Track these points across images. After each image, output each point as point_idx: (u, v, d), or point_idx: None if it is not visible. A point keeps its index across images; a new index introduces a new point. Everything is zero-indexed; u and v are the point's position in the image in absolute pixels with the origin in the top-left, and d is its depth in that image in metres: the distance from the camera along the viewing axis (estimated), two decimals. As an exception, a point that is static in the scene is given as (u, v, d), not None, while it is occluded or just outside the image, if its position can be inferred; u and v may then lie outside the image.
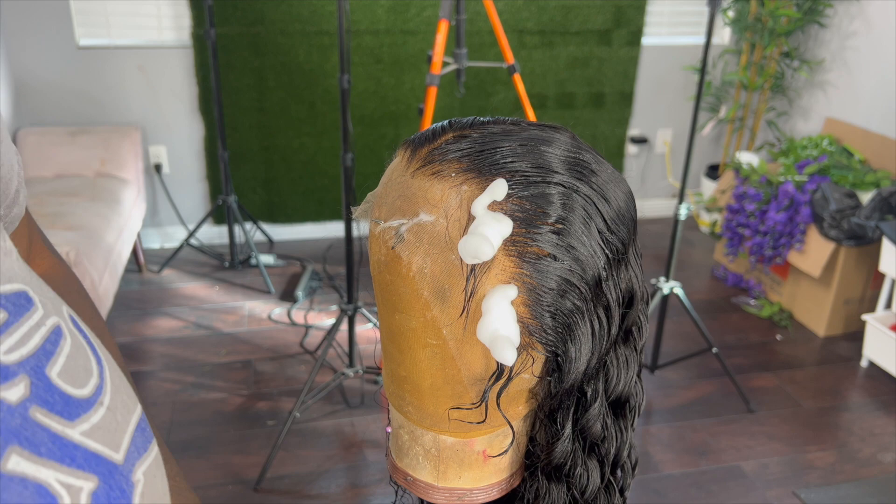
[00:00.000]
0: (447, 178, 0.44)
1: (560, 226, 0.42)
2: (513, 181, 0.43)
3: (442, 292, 0.44)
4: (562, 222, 0.43)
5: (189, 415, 2.24)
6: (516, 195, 0.43)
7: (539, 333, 0.43)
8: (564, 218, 0.43)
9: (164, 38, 2.98)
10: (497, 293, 0.42)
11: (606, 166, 0.47)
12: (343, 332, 2.51)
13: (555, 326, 0.44)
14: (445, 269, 0.43)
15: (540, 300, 0.43)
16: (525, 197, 0.43)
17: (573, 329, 0.44)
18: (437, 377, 0.46)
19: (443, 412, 0.47)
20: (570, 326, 0.44)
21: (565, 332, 0.44)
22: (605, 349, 0.46)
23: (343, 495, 1.98)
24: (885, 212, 2.56)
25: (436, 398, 0.47)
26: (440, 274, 0.43)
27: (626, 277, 0.46)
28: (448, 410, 0.47)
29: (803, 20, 3.18)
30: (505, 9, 3.13)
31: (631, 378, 0.49)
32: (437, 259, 0.43)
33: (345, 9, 1.90)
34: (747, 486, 2.05)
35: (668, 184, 3.74)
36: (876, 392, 2.50)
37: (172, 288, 2.93)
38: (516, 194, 0.43)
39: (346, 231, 2.08)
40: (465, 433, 0.48)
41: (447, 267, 0.43)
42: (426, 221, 0.44)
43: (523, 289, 0.42)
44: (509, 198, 0.43)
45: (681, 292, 2.35)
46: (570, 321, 0.44)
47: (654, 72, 3.48)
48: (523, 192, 0.43)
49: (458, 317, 0.43)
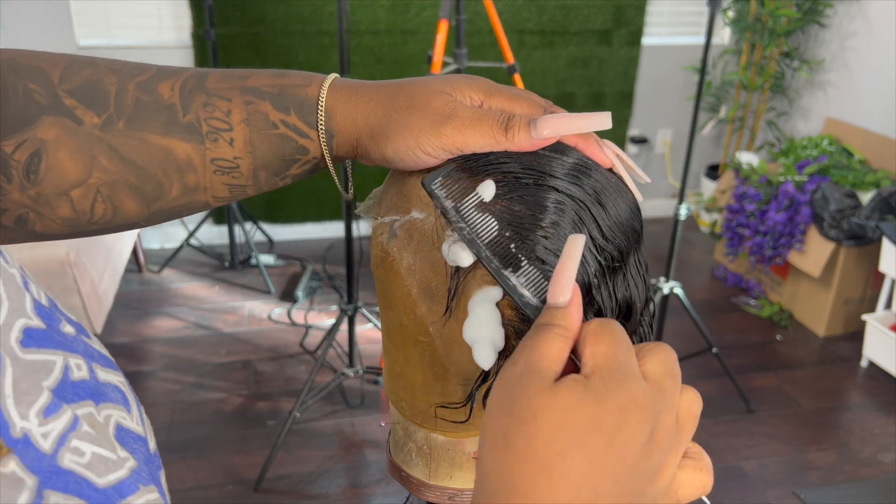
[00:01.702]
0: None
1: (549, 230, 0.42)
2: (504, 182, 0.42)
3: (429, 290, 0.43)
4: (551, 226, 0.42)
5: (189, 415, 2.24)
6: (506, 197, 0.42)
7: None
8: (555, 222, 0.42)
9: (164, 38, 2.98)
10: (482, 295, 0.41)
11: (609, 175, 0.46)
12: (343, 332, 2.51)
13: None
14: (432, 268, 0.43)
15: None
16: (515, 199, 0.42)
17: None
18: (427, 374, 0.46)
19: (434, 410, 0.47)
20: None
21: None
22: None
23: (343, 495, 1.98)
24: (885, 212, 2.56)
25: (427, 395, 0.47)
26: (428, 272, 0.43)
27: (623, 287, 0.45)
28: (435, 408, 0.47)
29: (803, 20, 3.18)
30: (505, 9, 3.14)
31: None
32: (426, 257, 0.43)
33: (345, 9, 1.90)
34: (747, 486, 2.05)
35: (668, 184, 3.74)
36: (876, 392, 2.49)
37: (172, 288, 2.93)
38: (506, 196, 0.42)
39: (346, 231, 2.08)
40: (456, 433, 0.48)
41: (434, 265, 0.43)
42: (417, 219, 0.44)
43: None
44: (499, 199, 0.42)
45: (681, 292, 2.35)
46: None
47: (654, 72, 3.48)
48: (513, 194, 0.42)
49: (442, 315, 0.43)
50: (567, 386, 0.33)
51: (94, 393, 0.39)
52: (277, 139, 0.47)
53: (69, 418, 0.37)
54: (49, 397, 0.36)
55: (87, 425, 0.37)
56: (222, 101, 0.46)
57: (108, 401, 0.40)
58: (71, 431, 0.36)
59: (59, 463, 0.34)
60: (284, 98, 0.47)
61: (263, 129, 0.47)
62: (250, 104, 0.46)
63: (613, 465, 0.32)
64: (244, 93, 0.47)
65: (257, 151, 0.47)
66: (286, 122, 0.47)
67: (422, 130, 0.43)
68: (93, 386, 0.39)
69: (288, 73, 0.48)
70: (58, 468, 0.34)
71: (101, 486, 0.34)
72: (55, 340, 0.39)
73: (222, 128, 0.46)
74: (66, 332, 0.41)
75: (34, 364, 0.37)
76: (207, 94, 0.47)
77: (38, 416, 0.35)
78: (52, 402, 0.36)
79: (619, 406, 0.32)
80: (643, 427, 0.32)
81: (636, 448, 0.32)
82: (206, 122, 0.46)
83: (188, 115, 0.46)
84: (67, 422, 0.36)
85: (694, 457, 0.36)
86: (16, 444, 0.33)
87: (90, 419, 0.38)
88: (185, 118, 0.46)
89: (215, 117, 0.46)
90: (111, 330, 2.61)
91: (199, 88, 0.47)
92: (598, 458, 0.32)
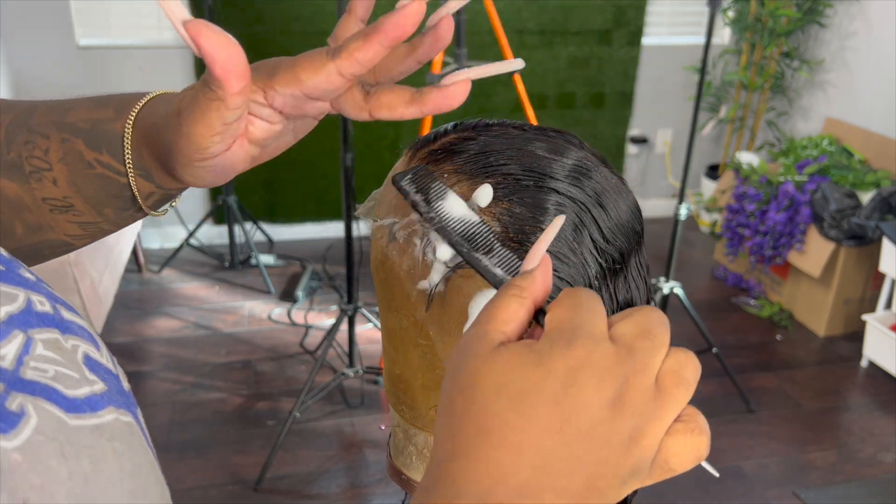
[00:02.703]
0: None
1: None
2: (504, 184, 0.42)
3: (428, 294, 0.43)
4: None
5: (189, 415, 2.24)
6: (506, 199, 0.42)
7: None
8: None
9: (164, 38, 2.98)
10: (481, 297, 0.41)
11: (610, 176, 0.45)
12: (343, 332, 2.51)
13: None
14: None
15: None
16: (515, 201, 0.42)
17: None
18: (427, 377, 0.46)
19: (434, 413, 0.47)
20: None
21: None
22: None
23: (343, 495, 1.98)
24: (885, 212, 2.56)
25: (427, 398, 0.47)
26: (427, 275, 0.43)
27: (624, 289, 0.45)
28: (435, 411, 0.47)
29: (803, 20, 3.18)
30: (505, 9, 3.13)
31: None
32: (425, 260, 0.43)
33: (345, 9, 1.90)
34: (747, 486, 2.05)
35: (668, 184, 3.74)
36: (876, 392, 2.50)
37: (172, 288, 2.93)
38: (506, 198, 0.42)
39: (346, 231, 2.08)
40: None
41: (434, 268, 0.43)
42: (416, 221, 0.43)
43: None
44: (499, 201, 0.42)
45: (681, 292, 2.35)
46: None
47: (654, 72, 3.48)
48: (513, 196, 0.42)
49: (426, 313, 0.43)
50: (509, 349, 0.32)
51: (59, 325, 0.36)
52: (98, 179, 0.44)
53: (21, 341, 0.33)
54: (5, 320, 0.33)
55: (51, 350, 0.33)
56: (42, 139, 0.44)
57: (74, 334, 0.36)
58: (25, 355, 0.32)
59: (22, 375, 0.30)
60: (97, 135, 0.43)
61: (81, 169, 0.44)
62: (66, 142, 0.43)
63: (561, 426, 0.30)
64: (61, 129, 0.44)
65: (84, 191, 0.44)
66: (100, 161, 0.44)
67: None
68: (57, 320, 0.36)
69: (106, 103, 0.45)
70: (20, 378, 0.30)
71: (69, 396, 0.31)
72: (16, 279, 0.36)
73: (43, 167, 0.43)
74: (27, 276, 0.39)
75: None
76: (29, 131, 0.44)
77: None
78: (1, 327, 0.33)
79: (567, 367, 0.31)
80: (600, 388, 0.31)
81: (592, 410, 0.31)
82: (28, 160, 0.43)
83: (11, 152, 0.43)
84: (19, 344, 0.33)
85: (685, 419, 0.32)
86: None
87: (55, 344, 0.34)
88: (9, 155, 0.43)
89: (35, 156, 0.43)
90: (111, 330, 2.61)
91: (23, 125, 0.44)
92: (539, 420, 0.30)
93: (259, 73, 0.40)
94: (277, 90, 0.39)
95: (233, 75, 0.35)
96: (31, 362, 0.32)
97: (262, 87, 0.40)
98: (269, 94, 0.40)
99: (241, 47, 0.35)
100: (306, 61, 0.39)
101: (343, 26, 0.45)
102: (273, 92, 0.39)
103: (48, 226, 0.45)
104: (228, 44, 0.35)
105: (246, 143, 0.42)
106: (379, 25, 0.37)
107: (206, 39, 0.34)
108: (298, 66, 0.39)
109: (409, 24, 0.37)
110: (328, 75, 0.38)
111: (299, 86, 0.39)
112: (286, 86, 0.39)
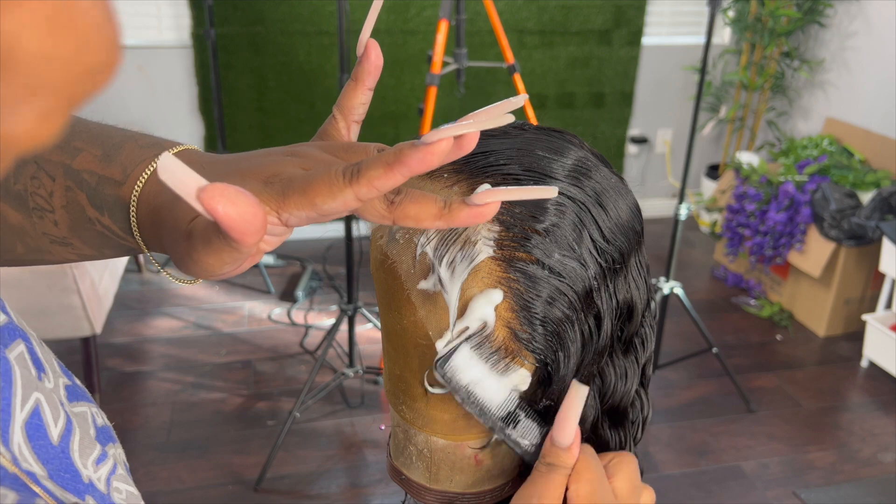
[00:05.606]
0: (439, 179, 0.44)
1: (549, 232, 0.42)
2: (504, 184, 0.42)
3: (429, 294, 0.43)
4: (551, 228, 0.42)
5: (189, 415, 2.24)
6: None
7: (527, 341, 0.43)
8: (555, 224, 0.42)
9: (164, 38, 2.98)
10: (481, 297, 0.41)
11: (610, 176, 0.45)
12: (343, 332, 2.51)
13: (544, 334, 0.43)
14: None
15: (527, 306, 0.42)
16: (515, 201, 0.42)
17: (562, 337, 0.43)
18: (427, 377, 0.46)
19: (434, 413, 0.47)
20: (559, 335, 0.43)
21: (555, 341, 0.43)
22: (593, 359, 0.46)
23: (343, 495, 1.98)
24: (885, 212, 2.56)
25: (427, 398, 0.47)
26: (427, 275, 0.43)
27: (624, 289, 0.45)
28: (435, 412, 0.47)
29: (803, 20, 3.18)
30: (505, 9, 3.13)
31: (628, 391, 0.48)
32: (424, 260, 0.43)
33: (345, 9, 1.90)
34: (747, 486, 2.05)
35: (668, 184, 3.74)
36: (876, 392, 2.49)
37: (172, 288, 2.93)
38: None
39: (346, 231, 2.08)
40: (457, 436, 0.47)
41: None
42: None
43: (510, 294, 0.42)
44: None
45: (681, 292, 2.35)
46: (560, 329, 0.43)
47: (654, 72, 3.48)
48: None
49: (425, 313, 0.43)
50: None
51: (109, 435, 0.44)
52: (98, 235, 0.43)
53: (110, 466, 0.41)
54: (99, 448, 0.40)
55: (120, 466, 0.42)
56: (47, 179, 0.43)
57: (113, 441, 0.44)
58: (112, 475, 0.41)
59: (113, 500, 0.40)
60: (99, 196, 0.42)
61: (83, 222, 0.43)
62: (70, 191, 0.43)
63: None
64: (68, 175, 0.43)
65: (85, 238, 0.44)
66: (101, 222, 0.43)
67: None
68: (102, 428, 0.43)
69: (113, 157, 0.43)
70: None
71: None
72: (78, 393, 0.42)
73: (45, 207, 0.43)
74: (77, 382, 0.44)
75: (78, 416, 0.40)
76: (38, 165, 0.43)
77: (93, 465, 0.39)
78: (102, 452, 0.41)
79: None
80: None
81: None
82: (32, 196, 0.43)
83: (18, 184, 0.43)
84: (110, 467, 0.41)
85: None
86: (87, 487, 0.38)
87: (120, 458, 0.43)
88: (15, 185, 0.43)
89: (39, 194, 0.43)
90: (111, 330, 2.61)
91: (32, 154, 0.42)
92: None
93: (271, 193, 0.37)
94: (292, 213, 0.37)
95: (248, 235, 0.32)
96: (115, 482, 0.41)
97: (276, 208, 0.37)
98: (283, 217, 0.38)
99: (258, 204, 0.32)
100: (322, 185, 0.36)
101: (349, 95, 0.44)
102: (287, 215, 0.38)
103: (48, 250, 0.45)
104: (246, 210, 0.31)
105: (257, 256, 0.40)
106: (404, 158, 0.34)
107: (223, 214, 0.31)
108: (312, 190, 0.36)
109: (435, 162, 0.34)
110: (345, 201, 0.36)
111: (314, 210, 0.37)
112: (300, 209, 0.37)
